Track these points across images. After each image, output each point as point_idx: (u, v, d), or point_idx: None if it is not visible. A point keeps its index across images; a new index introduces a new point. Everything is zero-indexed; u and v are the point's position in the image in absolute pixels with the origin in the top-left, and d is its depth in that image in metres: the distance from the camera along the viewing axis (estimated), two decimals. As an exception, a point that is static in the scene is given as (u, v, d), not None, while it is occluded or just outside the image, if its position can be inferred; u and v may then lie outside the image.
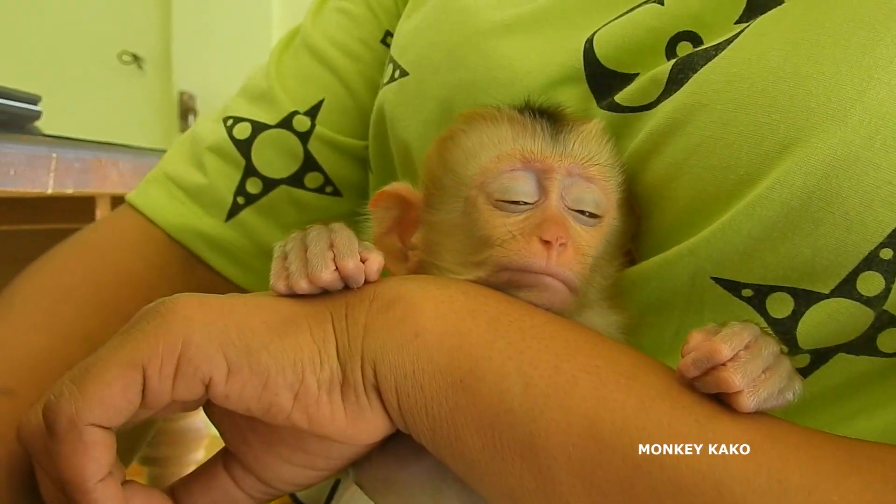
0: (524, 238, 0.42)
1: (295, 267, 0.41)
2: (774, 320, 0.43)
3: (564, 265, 0.41)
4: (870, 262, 0.40)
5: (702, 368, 0.37)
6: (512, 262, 0.42)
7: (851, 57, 0.40)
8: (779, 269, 0.42)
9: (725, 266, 0.43)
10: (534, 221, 0.42)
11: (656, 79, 0.47)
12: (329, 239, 0.42)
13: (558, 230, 0.41)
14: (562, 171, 0.43)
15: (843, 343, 0.42)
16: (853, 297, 0.41)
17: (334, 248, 0.41)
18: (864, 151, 0.39)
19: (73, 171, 0.93)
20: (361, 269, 0.41)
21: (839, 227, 0.40)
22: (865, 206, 0.39)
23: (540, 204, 0.43)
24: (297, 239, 0.42)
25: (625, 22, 0.50)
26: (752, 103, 0.42)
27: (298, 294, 0.41)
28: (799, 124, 0.40)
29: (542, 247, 0.41)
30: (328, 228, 0.42)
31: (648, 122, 0.46)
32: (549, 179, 0.43)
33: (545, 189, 0.43)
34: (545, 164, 0.43)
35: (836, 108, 0.39)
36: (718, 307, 0.44)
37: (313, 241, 0.41)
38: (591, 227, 0.44)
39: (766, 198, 0.40)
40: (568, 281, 0.42)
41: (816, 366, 0.43)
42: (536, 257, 0.41)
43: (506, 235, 0.42)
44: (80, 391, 0.38)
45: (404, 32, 0.62)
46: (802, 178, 0.40)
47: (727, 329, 0.38)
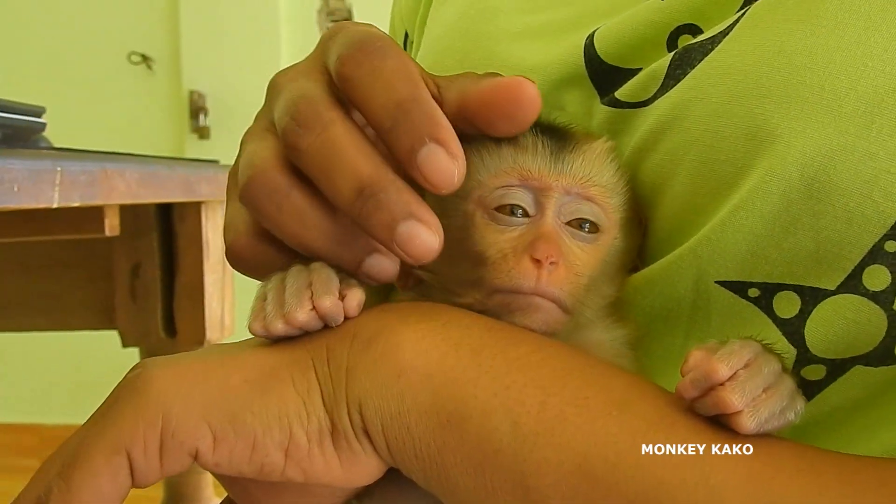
0: (515, 257, 0.41)
1: (272, 307, 0.40)
2: (782, 321, 0.42)
3: (554, 284, 0.41)
4: (875, 255, 0.39)
5: (701, 389, 0.36)
6: (502, 283, 0.41)
7: (846, 46, 0.39)
8: (784, 266, 0.41)
9: (729, 266, 0.42)
10: (526, 239, 0.41)
11: (655, 74, 0.46)
12: (307, 278, 0.40)
13: (549, 249, 0.41)
14: (559, 189, 0.43)
15: (860, 355, 0.41)
16: (859, 293, 0.40)
17: (312, 286, 0.40)
18: (860, 141, 0.38)
19: (79, 184, 0.92)
20: (339, 306, 0.39)
21: (840, 219, 0.39)
22: (865, 196, 0.39)
23: (535, 221, 0.42)
24: (277, 279, 0.41)
25: (624, 18, 0.49)
26: (747, 94, 0.41)
27: (277, 336, 0.40)
28: (793, 114, 0.40)
29: (531, 266, 0.40)
30: (308, 268, 0.41)
31: (646, 118, 0.46)
32: (545, 197, 0.42)
33: (541, 206, 0.42)
34: (542, 183, 0.42)
35: (830, 99, 0.39)
36: (725, 312, 0.43)
37: (291, 282, 0.40)
38: (588, 244, 0.43)
39: (764, 191, 0.40)
40: (559, 300, 0.41)
41: (833, 378, 0.42)
42: (525, 277, 0.40)
43: (497, 254, 0.41)
44: (67, 486, 0.37)
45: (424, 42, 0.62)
46: (799, 170, 0.39)
47: (726, 347, 0.36)
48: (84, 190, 0.93)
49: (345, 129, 0.39)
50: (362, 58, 0.39)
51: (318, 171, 0.39)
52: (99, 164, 0.96)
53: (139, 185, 1.04)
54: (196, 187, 1.20)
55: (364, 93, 0.39)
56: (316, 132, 0.39)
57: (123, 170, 1.00)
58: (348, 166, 0.39)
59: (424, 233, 0.38)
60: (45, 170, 0.86)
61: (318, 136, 0.39)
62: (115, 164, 0.99)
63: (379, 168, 0.39)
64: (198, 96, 3.13)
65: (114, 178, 0.98)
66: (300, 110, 0.40)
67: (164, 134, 3.21)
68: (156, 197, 1.09)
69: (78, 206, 0.95)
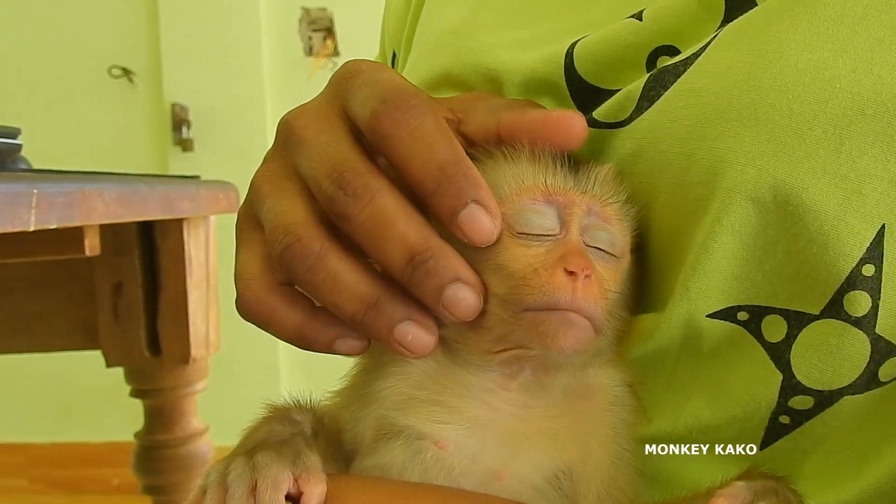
0: (547, 271, 0.40)
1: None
2: (771, 345, 0.42)
3: (590, 299, 0.40)
4: (853, 280, 0.39)
5: None
6: (536, 300, 0.40)
7: (814, 68, 0.40)
8: (768, 288, 0.41)
9: (717, 294, 0.42)
10: (556, 254, 0.41)
11: (630, 95, 0.46)
12: (251, 481, 0.38)
13: (583, 261, 0.40)
14: (583, 206, 0.42)
15: (847, 385, 0.41)
16: (841, 318, 0.40)
17: (256, 495, 0.38)
18: (830, 163, 0.39)
19: (57, 206, 0.91)
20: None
21: (815, 242, 0.39)
22: (838, 218, 0.39)
23: (560, 238, 0.42)
24: (219, 472, 0.39)
25: (603, 36, 0.49)
26: (717, 117, 0.41)
27: None
28: (763, 137, 0.40)
29: (567, 279, 0.39)
30: (251, 465, 0.39)
31: (624, 139, 0.46)
32: (570, 214, 0.42)
33: (566, 223, 0.42)
34: (567, 199, 0.42)
35: (799, 121, 0.39)
36: (716, 341, 0.43)
37: (233, 484, 0.38)
38: (609, 266, 0.43)
39: (741, 214, 0.40)
40: (593, 317, 0.40)
41: (821, 408, 0.42)
42: (562, 291, 0.39)
43: (528, 269, 0.40)
44: None
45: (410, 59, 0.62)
46: (772, 193, 0.39)
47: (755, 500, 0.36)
48: (61, 212, 0.92)
49: (393, 198, 0.40)
50: (399, 116, 0.40)
51: (369, 239, 0.40)
52: (76, 185, 0.94)
53: (118, 204, 1.03)
54: (177, 204, 1.19)
55: (404, 153, 0.40)
56: (364, 201, 0.40)
57: (101, 190, 0.99)
58: (399, 234, 0.40)
59: (469, 295, 0.40)
60: (20, 192, 0.85)
61: (368, 205, 0.40)
62: (93, 184, 0.98)
63: (429, 236, 0.40)
64: (180, 109, 3.10)
65: (92, 198, 0.97)
66: (345, 178, 0.40)
67: (146, 147, 3.18)
68: (136, 216, 1.07)
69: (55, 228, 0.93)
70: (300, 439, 0.41)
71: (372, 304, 0.41)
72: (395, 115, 0.40)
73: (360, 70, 0.43)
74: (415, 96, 0.41)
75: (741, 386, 0.43)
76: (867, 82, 0.39)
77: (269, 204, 0.43)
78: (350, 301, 0.41)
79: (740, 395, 0.43)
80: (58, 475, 3.15)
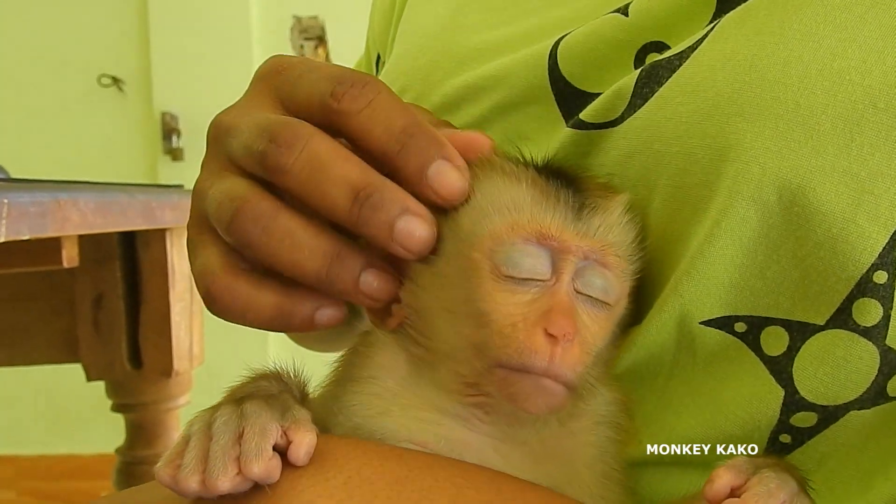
0: (527, 329, 0.37)
1: (191, 458, 0.35)
2: (770, 359, 0.40)
3: (568, 365, 0.37)
4: (863, 287, 0.37)
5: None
6: (510, 358, 0.37)
7: (822, 59, 0.37)
8: (769, 297, 0.39)
9: (713, 302, 0.40)
10: (540, 308, 0.37)
11: (621, 92, 0.44)
12: (237, 429, 0.36)
13: (567, 324, 0.37)
14: (579, 253, 0.39)
15: (853, 399, 0.39)
16: (849, 328, 0.38)
17: (242, 442, 0.35)
18: (839, 160, 0.36)
19: (29, 216, 0.88)
20: (272, 469, 0.35)
21: (823, 246, 0.37)
22: (848, 220, 0.36)
23: (549, 286, 0.38)
24: (203, 421, 0.37)
25: (589, 33, 0.46)
26: (718, 112, 0.39)
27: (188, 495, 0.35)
28: (767, 133, 0.37)
29: (546, 342, 0.37)
30: (239, 412, 0.37)
31: (615, 140, 0.44)
32: (563, 260, 0.38)
33: (558, 270, 0.38)
34: (563, 245, 0.39)
35: (806, 115, 0.37)
36: (711, 352, 0.41)
37: (219, 432, 0.36)
38: (599, 314, 0.39)
39: (742, 217, 0.38)
40: (569, 383, 0.37)
41: (826, 424, 0.40)
42: (539, 355, 0.36)
43: (507, 321, 0.37)
44: None
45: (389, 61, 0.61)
46: (776, 193, 0.37)
47: (762, 486, 0.33)
48: (33, 222, 0.89)
49: (326, 142, 0.39)
50: (357, 93, 0.40)
51: (309, 185, 0.39)
52: (50, 195, 0.91)
53: (96, 214, 1.00)
54: (159, 214, 1.16)
55: (365, 123, 0.40)
56: (298, 148, 0.39)
57: (77, 199, 0.96)
58: (339, 174, 0.39)
59: (421, 226, 0.39)
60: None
61: (303, 152, 0.39)
62: (69, 193, 0.95)
63: (369, 171, 0.39)
64: (170, 118, 3.09)
65: (67, 208, 0.94)
66: (275, 132, 0.39)
67: (136, 156, 3.16)
68: (115, 226, 1.04)
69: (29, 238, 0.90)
70: (289, 396, 0.39)
71: (334, 255, 0.39)
72: (353, 93, 0.40)
73: (291, 63, 0.43)
74: (367, 75, 0.41)
75: (738, 403, 0.41)
76: (878, 73, 0.37)
77: (212, 192, 0.41)
78: (311, 257, 0.39)
79: (737, 413, 0.41)
80: (46, 487, 3.12)
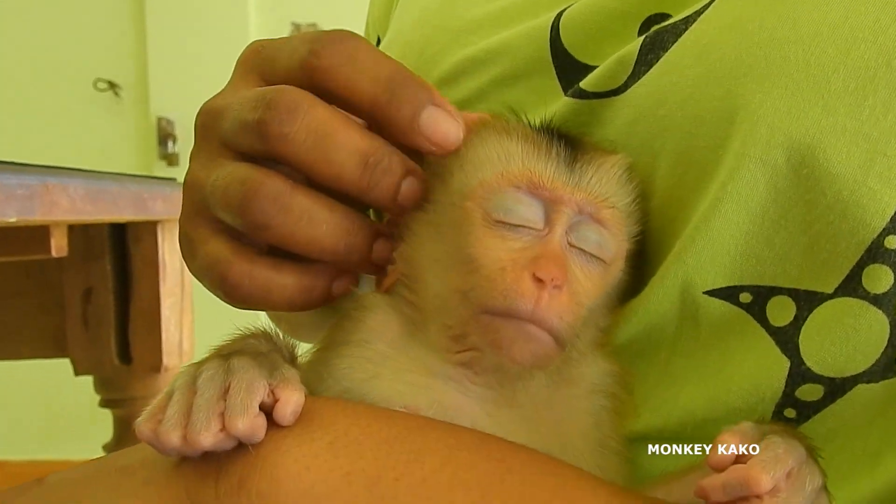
0: (514, 273, 0.36)
1: (174, 412, 0.34)
2: (776, 329, 0.38)
3: (554, 312, 0.36)
4: (874, 252, 0.36)
5: (732, 496, 0.31)
6: (495, 302, 0.36)
7: (833, 18, 0.36)
8: (776, 265, 0.38)
9: (717, 271, 0.39)
10: (530, 254, 0.37)
11: (624, 60, 0.42)
12: (223, 384, 0.34)
13: (556, 269, 0.36)
14: (572, 205, 0.38)
15: (861, 372, 0.37)
16: (859, 296, 0.36)
17: (227, 398, 0.34)
18: (851, 121, 0.36)
19: (16, 198, 0.86)
20: (257, 427, 0.33)
21: (833, 210, 0.36)
22: (859, 183, 0.35)
23: (541, 236, 0.37)
24: (188, 375, 0.35)
25: (591, 5, 0.45)
26: (726, 73, 0.38)
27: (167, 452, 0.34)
28: (777, 93, 0.37)
29: (533, 285, 0.35)
30: (226, 367, 0.35)
31: (618, 109, 0.43)
32: (556, 212, 0.38)
33: (550, 221, 0.38)
34: (555, 194, 0.38)
35: (817, 74, 0.36)
36: (715, 324, 0.40)
37: (204, 386, 0.34)
38: (593, 270, 0.38)
39: (749, 180, 0.37)
40: (556, 331, 0.36)
41: (832, 398, 0.38)
42: (525, 298, 0.35)
43: (495, 266, 0.36)
44: None
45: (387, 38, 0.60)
46: (785, 154, 0.36)
47: (769, 451, 0.32)
48: (21, 205, 0.87)
49: (324, 106, 0.39)
50: (337, 48, 0.39)
51: (314, 153, 0.38)
52: (38, 178, 0.90)
53: (85, 201, 0.98)
54: (150, 205, 1.14)
55: (350, 75, 0.39)
56: (300, 114, 0.38)
57: (66, 185, 0.94)
58: (347, 140, 0.38)
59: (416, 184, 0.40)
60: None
61: (305, 118, 0.38)
62: (58, 178, 0.93)
63: (373, 136, 0.39)
64: (166, 123, 3.08)
65: (55, 192, 0.92)
66: (273, 100, 0.38)
67: (132, 161, 3.15)
68: (105, 214, 1.03)
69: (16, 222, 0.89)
70: (278, 356, 0.37)
71: (349, 229, 0.40)
72: (333, 48, 0.39)
73: (268, 42, 0.43)
74: (343, 31, 0.40)
75: (742, 375, 0.39)
76: (892, 32, 0.35)
77: (212, 179, 0.40)
78: (329, 233, 0.39)
79: (741, 386, 0.39)
80: (36, 496, 3.08)
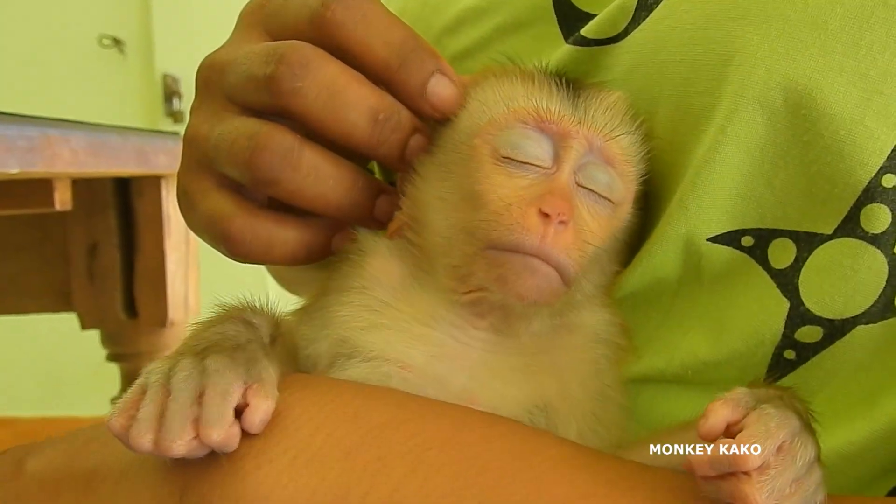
0: (520, 208, 0.36)
1: (146, 414, 0.32)
2: (777, 271, 0.39)
3: (560, 247, 0.35)
4: (872, 192, 0.36)
5: (720, 471, 0.30)
6: (500, 237, 0.36)
7: None
8: (777, 207, 0.38)
9: (720, 216, 0.39)
10: (537, 190, 0.36)
11: (625, 6, 0.42)
12: (198, 387, 0.33)
13: (562, 204, 0.36)
14: (581, 139, 0.38)
15: (860, 313, 0.37)
16: (857, 236, 0.36)
17: (202, 404, 0.32)
18: (848, 60, 0.36)
19: (18, 150, 0.86)
20: (231, 437, 0.32)
21: (830, 150, 0.36)
22: (856, 121, 0.35)
23: (549, 174, 0.37)
24: (162, 372, 0.34)
25: None
26: (723, 15, 0.38)
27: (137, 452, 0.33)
28: (774, 34, 0.36)
29: (538, 221, 0.35)
30: (201, 369, 0.34)
31: (617, 55, 0.42)
32: (565, 148, 0.37)
33: (559, 158, 0.37)
34: (562, 128, 0.38)
35: (814, 14, 0.36)
36: (718, 269, 0.40)
37: (178, 389, 0.33)
38: (601, 212, 0.38)
39: (748, 121, 0.37)
40: (561, 267, 0.36)
41: (831, 340, 0.38)
42: (530, 232, 0.35)
43: (501, 201, 0.36)
44: None
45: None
46: (783, 95, 0.36)
47: (760, 424, 0.30)
48: (23, 156, 0.86)
49: (335, 62, 0.39)
50: (351, 2, 0.39)
51: (326, 109, 0.39)
52: (39, 130, 0.89)
53: (87, 153, 0.98)
54: (153, 159, 1.14)
55: (362, 35, 0.39)
56: (313, 70, 0.38)
57: (69, 137, 0.94)
58: (359, 97, 0.39)
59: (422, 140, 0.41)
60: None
61: (318, 73, 0.38)
62: (59, 130, 0.93)
63: (381, 93, 0.40)
64: (171, 80, 3.06)
65: (57, 144, 0.92)
66: (285, 55, 0.38)
67: (137, 118, 3.13)
68: (107, 167, 1.02)
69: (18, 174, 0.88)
70: (257, 346, 0.36)
71: (354, 185, 0.40)
72: (346, 3, 0.39)
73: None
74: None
75: (743, 318, 0.39)
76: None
77: (217, 133, 0.40)
78: (336, 188, 0.40)
79: (742, 328, 0.39)
80: (46, 451, 3.11)
